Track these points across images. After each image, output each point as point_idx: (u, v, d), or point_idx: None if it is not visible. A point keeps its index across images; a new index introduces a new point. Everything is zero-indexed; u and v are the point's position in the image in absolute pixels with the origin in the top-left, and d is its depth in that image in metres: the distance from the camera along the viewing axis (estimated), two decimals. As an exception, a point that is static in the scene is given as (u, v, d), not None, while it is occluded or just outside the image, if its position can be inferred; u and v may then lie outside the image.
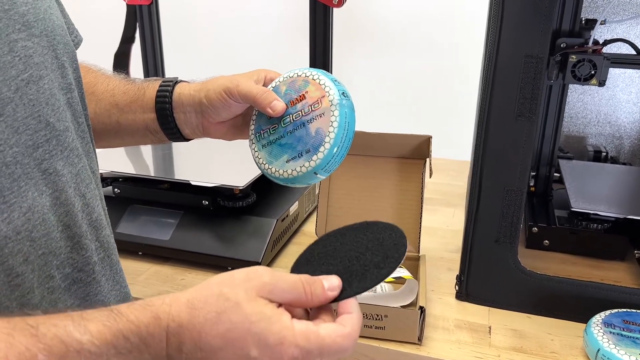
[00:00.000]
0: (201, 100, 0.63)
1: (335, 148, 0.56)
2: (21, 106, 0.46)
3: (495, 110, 0.69)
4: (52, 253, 0.49)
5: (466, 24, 1.69)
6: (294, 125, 0.58)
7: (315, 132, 0.57)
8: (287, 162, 0.58)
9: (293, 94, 0.60)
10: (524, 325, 0.73)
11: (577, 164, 1.06)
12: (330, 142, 0.56)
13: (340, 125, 0.56)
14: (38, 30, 0.49)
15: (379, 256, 0.49)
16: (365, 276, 0.47)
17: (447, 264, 0.87)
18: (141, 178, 0.95)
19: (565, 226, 0.89)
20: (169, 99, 0.65)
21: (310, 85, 0.59)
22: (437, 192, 1.13)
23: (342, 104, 0.56)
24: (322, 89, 0.58)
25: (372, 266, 0.48)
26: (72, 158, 0.52)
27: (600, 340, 0.63)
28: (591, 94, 1.14)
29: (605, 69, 0.78)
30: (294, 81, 0.60)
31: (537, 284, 0.73)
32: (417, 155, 0.80)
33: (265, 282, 0.43)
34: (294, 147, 0.58)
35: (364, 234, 0.52)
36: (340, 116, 0.56)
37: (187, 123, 0.66)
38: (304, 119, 0.58)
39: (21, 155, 0.46)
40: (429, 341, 0.69)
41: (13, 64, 0.46)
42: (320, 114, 0.57)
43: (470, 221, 0.74)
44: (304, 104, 0.58)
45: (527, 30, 0.65)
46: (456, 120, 1.60)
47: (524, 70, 0.66)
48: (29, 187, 0.46)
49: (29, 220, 0.46)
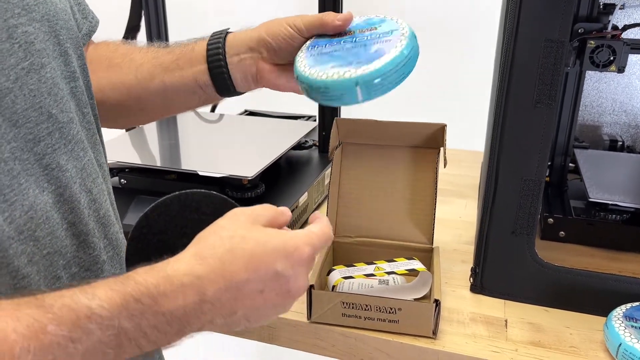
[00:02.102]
0: (261, 35, 0.60)
1: (389, 67, 0.51)
2: (21, 97, 0.43)
3: (513, 97, 0.67)
4: (58, 253, 0.46)
5: (479, 9, 1.66)
6: (355, 44, 0.55)
7: (375, 50, 0.53)
8: (332, 68, 0.53)
9: (364, 25, 0.56)
10: (541, 318, 0.71)
11: (593, 153, 1.04)
12: (388, 60, 0.51)
13: (402, 52, 0.52)
14: (39, 14, 0.46)
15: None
16: None
17: (461, 256, 0.85)
18: (148, 168, 0.94)
19: (582, 217, 0.86)
20: (222, 44, 0.61)
21: (385, 23, 0.56)
22: (449, 183, 1.11)
23: (411, 37, 0.54)
24: (397, 25, 0.55)
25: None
26: (77, 151, 0.49)
27: (622, 335, 0.61)
28: (607, 82, 1.11)
29: (624, 54, 0.76)
30: (370, 18, 0.58)
31: (555, 276, 0.71)
32: (431, 145, 0.78)
33: (248, 213, 0.45)
34: (345, 58, 0.53)
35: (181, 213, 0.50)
36: (406, 46, 0.53)
37: (241, 67, 0.61)
38: (369, 41, 0.54)
39: (20, 150, 0.43)
40: (444, 335, 0.68)
41: (12, 52, 0.43)
42: (387, 40, 0.53)
43: (485, 212, 0.72)
44: (373, 33, 0.55)
45: (548, 14, 0.63)
46: (467, 110, 1.58)
47: (543, 55, 0.64)
48: (29, 184, 0.44)
49: (31, 219, 0.44)
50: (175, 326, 0.40)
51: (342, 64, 0.52)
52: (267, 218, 0.46)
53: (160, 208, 0.49)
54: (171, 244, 0.48)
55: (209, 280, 0.41)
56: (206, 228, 0.45)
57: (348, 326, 0.68)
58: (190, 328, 0.41)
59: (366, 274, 0.72)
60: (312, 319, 0.69)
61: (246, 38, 0.61)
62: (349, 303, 0.67)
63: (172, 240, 0.49)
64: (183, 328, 0.41)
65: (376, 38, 0.54)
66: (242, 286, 0.42)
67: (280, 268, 0.43)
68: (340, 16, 0.57)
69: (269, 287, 0.43)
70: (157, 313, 0.39)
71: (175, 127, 1.16)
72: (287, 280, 0.43)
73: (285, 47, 0.59)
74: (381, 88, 0.52)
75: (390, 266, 0.73)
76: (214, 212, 0.47)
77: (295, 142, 1.00)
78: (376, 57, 0.52)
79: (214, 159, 1.01)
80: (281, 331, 0.72)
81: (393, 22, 0.56)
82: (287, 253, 0.43)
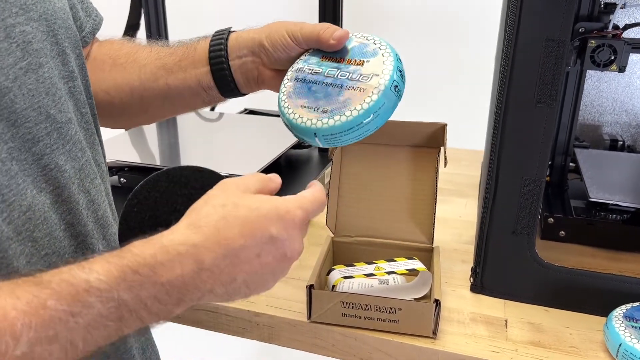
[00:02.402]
0: (262, 41, 0.59)
1: (348, 127, 0.51)
2: (20, 97, 0.43)
3: (514, 96, 0.67)
4: (56, 253, 0.46)
5: (479, 10, 1.66)
6: (334, 80, 0.54)
7: (344, 101, 0.52)
8: (302, 107, 0.54)
9: (357, 55, 0.55)
10: (541, 318, 0.71)
11: (593, 152, 1.04)
12: (348, 118, 0.51)
13: (367, 110, 0.51)
14: (37, 13, 0.46)
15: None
16: None
17: (461, 255, 0.85)
18: (147, 167, 0.93)
19: (582, 217, 0.86)
20: (224, 46, 0.61)
21: (375, 58, 0.54)
22: (449, 182, 1.10)
23: (386, 93, 0.52)
24: (381, 67, 0.53)
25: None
26: (75, 152, 0.49)
27: (622, 335, 0.61)
28: (607, 81, 1.11)
29: (625, 54, 0.76)
30: (366, 45, 0.56)
31: (555, 276, 0.71)
32: (432, 144, 0.78)
33: (238, 182, 0.46)
34: (317, 98, 0.54)
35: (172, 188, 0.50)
36: (374, 103, 0.51)
37: (243, 69, 0.61)
38: (346, 83, 0.53)
39: (18, 150, 0.43)
40: (444, 335, 0.68)
41: (10, 51, 0.43)
42: (361, 89, 0.52)
43: (486, 212, 0.72)
44: (356, 69, 0.54)
45: (549, 13, 0.62)
46: (467, 109, 1.58)
47: (544, 54, 0.64)
48: (27, 184, 0.43)
49: (29, 220, 0.44)
50: (175, 296, 0.40)
51: (310, 106, 0.53)
52: (257, 186, 0.46)
53: (149, 184, 0.49)
54: (163, 220, 0.48)
55: (205, 248, 0.41)
56: (198, 200, 0.45)
57: (348, 326, 0.68)
58: (190, 297, 0.41)
59: (366, 274, 0.71)
60: (312, 319, 0.69)
61: (248, 40, 0.60)
62: (349, 303, 0.67)
63: (164, 216, 0.49)
64: (183, 297, 0.41)
65: (355, 81, 0.53)
66: (239, 252, 0.42)
67: (275, 231, 0.43)
68: (335, 35, 0.56)
69: (265, 250, 0.43)
70: (155, 283, 0.39)
71: (175, 126, 1.16)
72: (282, 244, 0.44)
73: (284, 56, 0.59)
74: (341, 141, 0.53)
75: (390, 266, 0.72)
76: (203, 186, 0.48)
77: (295, 141, 1.00)
78: (340, 111, 0.51)
79: (214, 158, 1.01)
80: (281, 331, 0.72)
81: (381, 62, 0.53)
82: (279, 216, 0.44)
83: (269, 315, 0.72)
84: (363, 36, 0.57)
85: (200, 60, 0.61)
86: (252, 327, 0.73)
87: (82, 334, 0.36)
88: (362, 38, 0.57)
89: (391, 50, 0.54)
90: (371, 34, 0.57)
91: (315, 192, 0.48)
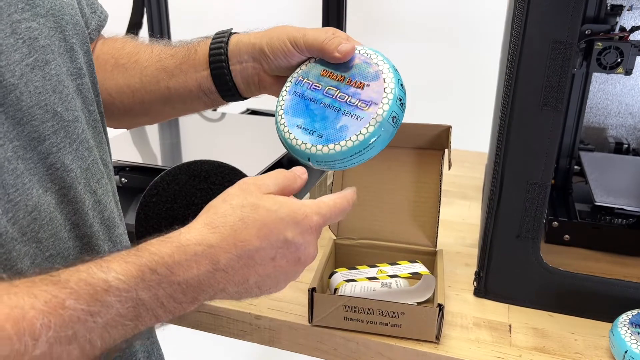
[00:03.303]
0: (262, 48, 0.57)
1: (342, 156, 0.50)
2: (26, 94, 0.42)
3: (520, 99, 0.66)
4: (61, 255, 0.45)
5: (483, 11, 1.65)
6: (332, 102, 0.52)
7: (340, 127, 0.51)
8: (297, 127, 0.52)
9: (358, 76, 0.53)
10: (545, 324, 0.70)
11: (598, 155, 1.03)
12: (343, 148, 0.50)
13: (363, 142, 0.49)
14: (44, 9, 0.45)
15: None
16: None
17: (464, 258, 0.84)
18: (148, 167, 0.93)
19: (587, 221, 0.85)
20: (224, 50, 0.59)
21: (376, 82, 0.51)
22: (453, 184, 1.10)
23: (384, 124, 0.50)
24: (381, 95, 0.50)
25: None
26: (82, 151, 0.48)
27: (628, 342, 0.61)
28: (612, 84, 1.10)
29: (632, 57, 0.75)
30: (369, 64, 0.53)
31: (560, 281, 0.70)
32: (436, 146, 0.77)
33: (258, 183, 0.45)
34: (314, 120, 0.52)
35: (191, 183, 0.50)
36: (370, 134, 0.49)
37: (244, 74, 0.59)
38: (344, 107, 0.51)
39: (23, 149, 0.42)
40: (447, 340, 0.67)
41: (16, 47, 0.42)
42: (358, 117, 0.50)
43: (490, 215, 0.71)
44: (356, 93, 0.52)
45: (556, 15, 0.61)
46: (471, 110, 1.57)
47: (551, 57, 0.63)
48: (32, 183, 0.43)
49: (35, 220, 0.43)
50: (190, 295, 0.41)
51: (306, 127, 0.52)
52: (278, 186, 0.46)
53: (169, 176, 0.50)
54: (180, 214, 0.49)
55: (221, 249, 0.41)
56: (216, 197, 0.45)
57: (350, 330, 0.67)
58: (203, 296, 0.42)
59: (369, 277, 0.71)
60: (314, 322, 0.68)
61: (249, 45, 0.58)
62: (351, 306, 0.66)
63: (181, 210, 0.49)
64: (197, 296, 0.41)
65: (353, 106, 0.51)
66: (254, 254, 0.42)
67: (290, 236, 0.44)
68: (341, 49, 0.53)
69: (280, 254, 0.44)
70: (172, 283, 0.40)
71: (177, 126, 1.15)
72: (297, 248, 0.44)
73: (284, 63, 0.57)
74: (334, 167, 0.52)
75: (393, 269, 0.72)
76: (223, 182, 0.48)
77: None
78: (335, 139, 0.50)
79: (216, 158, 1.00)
80: (282, 334, 0.71)
81: (382, 89, 0.51)
82: (296, 221, 0.44)
83: (270, 318, 0.71)
84: (367, 53, 0.54)
85: (201, 63, 0.60)
86: (253, 330, 0.72)
87: (100, 333, 0.37)
88: (366, 55, 0.54)
89: (393, 75, 0.52)
90: (375, 51, 0.54)
91: (337, 199, 0.48)
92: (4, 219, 0.40)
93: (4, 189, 0.40)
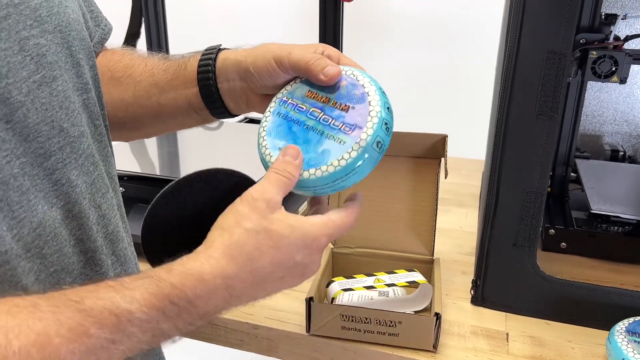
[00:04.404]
0: (247, 67, 0.56)
1: (323, 182, 0.49)
2: (33, 111, 0.42)
3: (515, 108, 0.66)
4: (65, 270, 0.46)
5: (479, 19, 1.66)
6: (316, 124, 0.50)
7: (322, 151, 0.49)
8: (279, 149, 0.50)
9: (343, 98, 0.51)
10: (543, 332, 0.70)
11: (594, 163, 1.03)
12: (324, 174, 0.48)
13: (345, 168, 0.47)
14: (51, 25, 0.45)
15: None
16: None
17: (461, 267, 0.84)
18: (146, 177, 0.93)
19: (584, 228, 0.86)
20: (212, 67, 0.58)
21: (362, 105, 0.49)
22: (450, 192, 1.10)
23: (367, 150, 0.47)
24: (365, 120, 0.48)
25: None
26: (87, 166, 0.48)
27: (625, 350, 0.61)
28: (608, 92, 1.11)
29: (627, 65, 0.75)
30: (355, 86, 0.51)
31: (557, 289, 0.71)
32: (432, 155, 0.77)
33: (266, 198, 0.46)
34: (296, 142, 0.50)
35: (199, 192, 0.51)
36: (352, 160, 0.47)
37: (231, 93, 0.59)
38: (327, 129, 0.49)
39: (30, 165, 0.42)
40: (444, 348, 0.67)
41: (24, 64, 0.42)
42: (341, 141, 0.48)
43: (487, 224, 0.71)
44: (340, 115, 0.49)
45: (550, 25, 0.62)
46: (467, 118, 1.57)
47: (546, 66, 0.63)
48: (38, 200, 0.43)
49: (39, 236, 0.43)
50: (205, 319, 0.44)
51: None
52: (282, 194, 0.48)
53: (180, 184, 0.51)
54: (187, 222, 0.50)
55: (238, 279, 0.44)
56: (226, 213, 0.46)
57: (347, 339, 0.67)
58: (215, 317, 0.45)
59: (366, 286, 0.71)
60: (311, 332, 0.68)
61: (235, 64, 0.57)
62: (349, 316, 0.66)
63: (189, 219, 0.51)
64: (210, 318, 0.44)
65: (336, 129, 0.49)
66: (266, 277, 0.45)
67: (300, 258, 0.47)
68: (327, 72, 0.51)
69: (288, 274, 0.47)
70: (192, 313, 0.42)
71: (175, 135, 1.16)
72: (304, 267, 0.48)
73: (270, 82, 0.56)
74: (315, 192, 0.50)
75: (390, 278, 0.72)
76: (232, 190, 0.49)
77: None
78: (316, 163, 0.48)
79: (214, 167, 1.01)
80: (280, 343, 0.71)
81: (367, 112, 0.49)
82: (306, 244, 0.47)
83: (268, 327, 0.71)
84: (354, 74, 0.52)
85: (190, 80, 0.60)
86: (251, 339, 0.72)
87: (119, 356, 0.39)
88: (353, 77, 0.52)
89: (380, 98, 0.49)
90: (363, 73, 0.52)
91: (345, 217, 0.50)
92: (9, 236, 0.40)
93: (9, 206, 0.40)
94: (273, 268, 0.45)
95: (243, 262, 0.44)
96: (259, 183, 0.48)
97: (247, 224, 0.45)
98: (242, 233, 0.45)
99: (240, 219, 0.45)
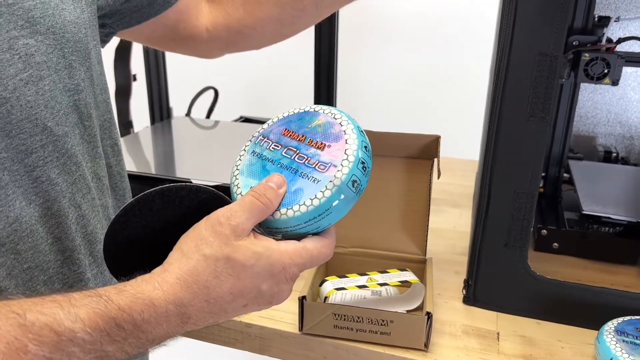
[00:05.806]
0: None
1: (295, 222, 0.46)
2: (17, 107, 0.43)
3: (507, 110, 0.67)
4: (39, 267, 0.46)
5: (474, 20, 1.66)
6: (290, 162, 0.49)
7: (295, 190, 0.47)
8: (251, 187, 0.48)
9: (319, 135, 0.49)
10: (533, 331, 0.71)
11: (587, 164, 1.04)
12: (295, 214, 0.46)
13: (318, 207, 0.46)
14: (44, 27, 0.46)
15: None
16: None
17: (454, 266, 0.85)
18: (141, 175, 0.93)
19: (576, 229, 0.86)
20: None
21: (338, 143, 0.48)
22: (443, 192, 1.10)
23: (342, 189, 0.46)
24: (341, 157, 0.47)
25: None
26: (69, 166, 0.49)
27: (613, 349, 0.61)
28: (601, 93, 1.11)
29: (619, 67, 0.76)
30: (332, 125, 0.50)
31: (548, 289, 0.71)
32: (425, 155, 0.78)
33: (232, 224, 0.43)
34: None
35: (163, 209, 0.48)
36: (326, 200, 0.46)
37: None
38: (301, 168, 0.48)
39: (10, 161, 0.43)
40: (436, 347, 0.68)
41: (12, 63, 0.43)
42: (315, 180, 0.46)
43: (479, 224, 0.72)
44: (316, 154, 0.48)
45: (542, 28, 0.63)
46: (461, 118, 1.58)
47: (537, 69, 0.64)
48: (16, 195, 0.43)
49: (15, 232, 0.43)
50: (156, 342, 0.42)
51: None
52: (252, 220, 0.44)
53: (140, 204, 0.47)
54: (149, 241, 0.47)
55: (193, 307, 0.42)
56: (189, 233, 0.44)
57: (340, 338, 0.68)
58: (170, 341, 0.43)
59: (359, 285, 0.71)
60: (304, 331, 0.69)
61: None
62: (341, 315, 0.67)
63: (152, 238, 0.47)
64: (163, 342, 0.43)
65: (311, 168, 0.47)
66: (226, 306, 0.43)
67: (265, 287, 0.44)
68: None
69: (252, 302, 0.44)
70: (139, 337, 0.40)
71: (170, 134, 1.16)
72: (271, 296, 0.45)
73: None
74: (287, 234, 0.48)
75: (382, 277, 0.72)
76: (198, 206, 0.46)
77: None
78: (288, 202, 0.46)
79: (209, 167, 1.01)
80: (272, 342, 0.72)
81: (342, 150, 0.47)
82: (272, 274, 0.44)
83: (261, 326, 0.71)
84: (331, 113, 0.51)
85: None
86: (244, 338, 0.73)
87: None
88: (330, 115, 0.50)
89: (357, 136, 0.48)
90: (340, 111, 0.51)
91: (322, 248, 0.46)
92: None
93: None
94: (233, 297, 0.43)
95: (199, 290, 0.42)
96: (229, 206, 0.45)
97: (207, 249, 0.42)
98: (200, 259, 0.42)
99: (200, 244, 0.43)
